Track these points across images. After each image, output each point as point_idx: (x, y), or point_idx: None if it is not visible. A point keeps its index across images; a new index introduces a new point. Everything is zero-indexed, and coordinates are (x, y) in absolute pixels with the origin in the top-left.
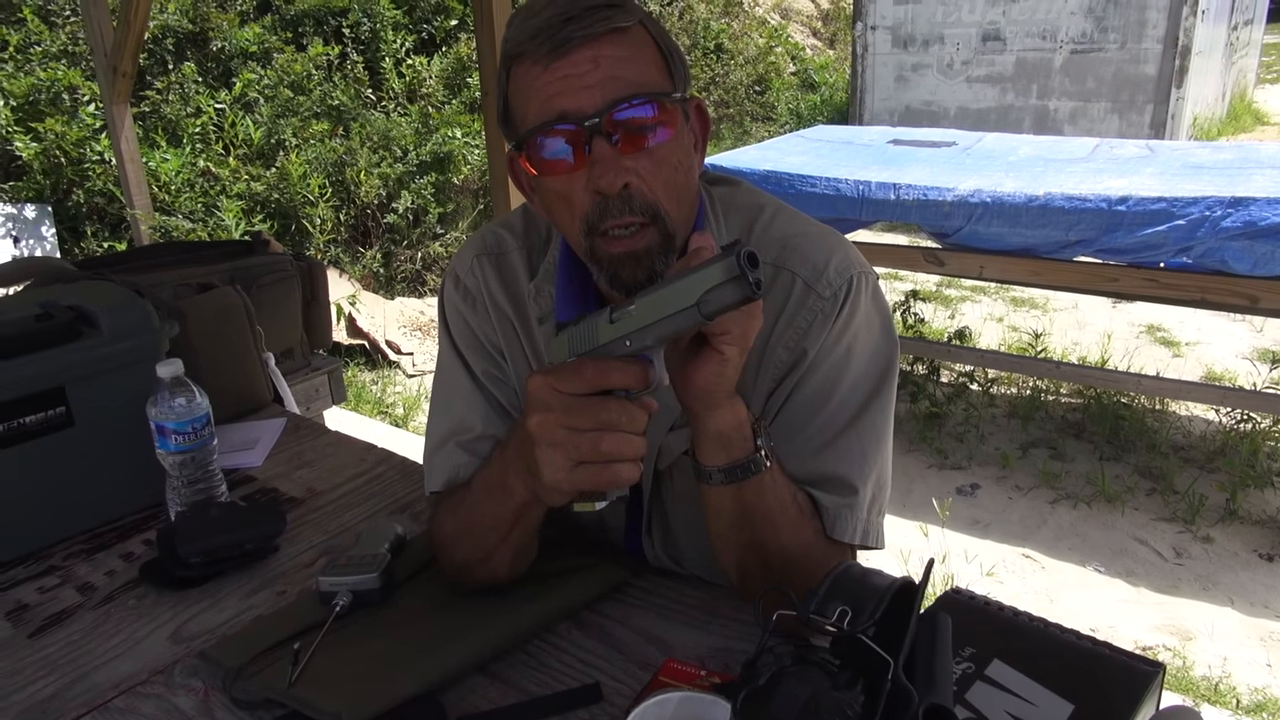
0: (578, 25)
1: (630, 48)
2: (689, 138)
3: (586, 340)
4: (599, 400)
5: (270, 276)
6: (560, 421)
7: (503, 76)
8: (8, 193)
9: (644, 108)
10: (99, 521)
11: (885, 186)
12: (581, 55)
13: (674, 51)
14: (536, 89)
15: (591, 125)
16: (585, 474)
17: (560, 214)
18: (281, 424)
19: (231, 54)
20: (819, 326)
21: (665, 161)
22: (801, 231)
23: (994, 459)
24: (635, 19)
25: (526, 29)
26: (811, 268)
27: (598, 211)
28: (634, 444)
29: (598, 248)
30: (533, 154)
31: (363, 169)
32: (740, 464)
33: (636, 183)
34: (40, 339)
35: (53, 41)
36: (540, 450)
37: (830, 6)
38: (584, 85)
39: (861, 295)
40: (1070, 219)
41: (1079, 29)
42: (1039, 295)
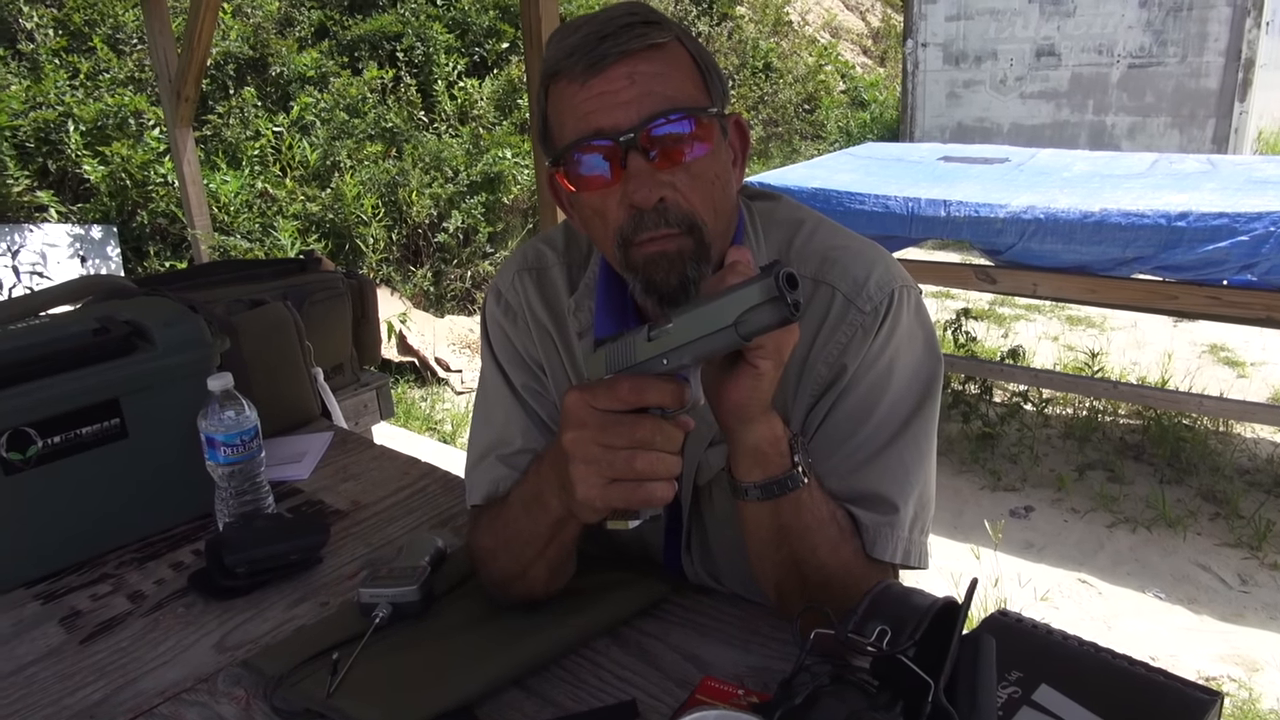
0: (613, 42)
1: (666, 64)
2: (727, 153)
3: (624, 358)
4: (634, 418)
5: (322, 294)
6: (595, 438)
7: (541, 95)
8: (76, 214)
9: (680, 123)
10: (151, 531)
11: (935, 203)
12: (617, 72)
13: (711, 67)
14: (573, 106)
15: (627, 141)
16: (619, 492)
17: (596, 228)
18: (329, 438)
19: (290, 78)
20: (859, 342)
21: (701, 176)
22: (842, 245)
23: (1049, 481)
24: (671, 35)
25: (564, 47)
26: (852, 282)
27: (632, 225)
28: (669, 463)
29: (632, 255)
30: (570, 170)
31: (415, 189)
32: (776, 480)
33: (672, 195)
34: (96, 353)
35: (121, 68)
36: (574, 467)
37: (881, 24)
38: (620, 102)
39: (903, 310)
40: (1127, 235)
41: (1137, 43)
42: (1095, 314)
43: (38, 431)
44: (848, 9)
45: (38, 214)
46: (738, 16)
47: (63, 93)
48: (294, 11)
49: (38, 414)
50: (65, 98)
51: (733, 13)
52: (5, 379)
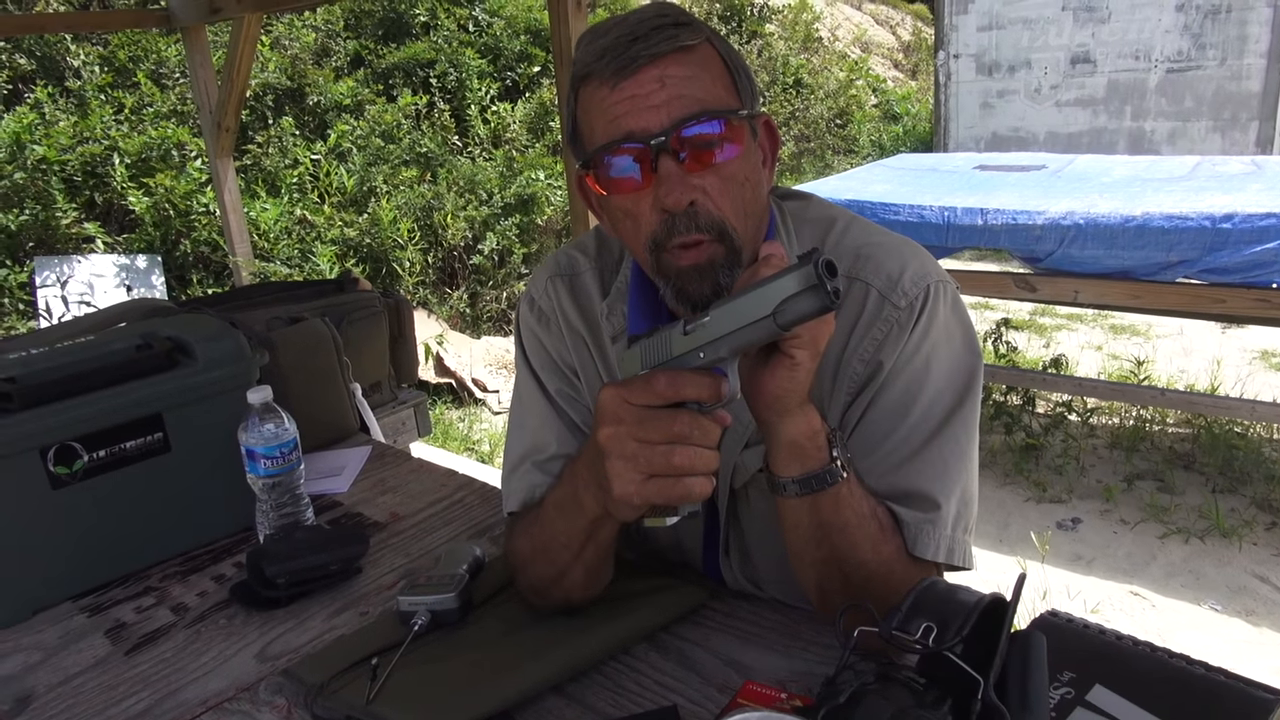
0: (644, 45)
1: (696, 66)
2: (757, 154)
3: (660, 353)
4: (671, 413)
5: (359, 313)
6: (632, 434)
7: (572, 98)
8: (122, 244)
9: (710, 125)
10: (193, 545)
11: (972, 212)
12: (648, 75)
13: (741, 68)
14: (604, 109)
15: (658, 144)
16: (656, 488)
17: (627, 232)
18: (367, 451)
19: (326, 107)
20: (895, 338)
21: (732, 178)
22: (875, 241)
23: (1096, 492)
24: (702, 36)
25: (594, 49)
26: (886, 278)
27: (664, 229)
28: (706, 458)
29: (664, 262)
30: (600, 173)
31: (450, 212)
32: (814, 475)
33: (703, 199)
34: (140, 368)
35: (163, 102)
36: (611, 463)
37: (911, 38)
38: (650, 105)
39: (939, 305)
40: (1170, 239)
41: (1174, 47)
42: (1140, 322)
43: (83, 446)
44: (878, 24)
45: (85, 245)
46: (767, 34)
47: (108, 127)
48: (330, 42)
49: (83, 429)
50: (111, 132)
51: (762, 30)
52: (52, 394)
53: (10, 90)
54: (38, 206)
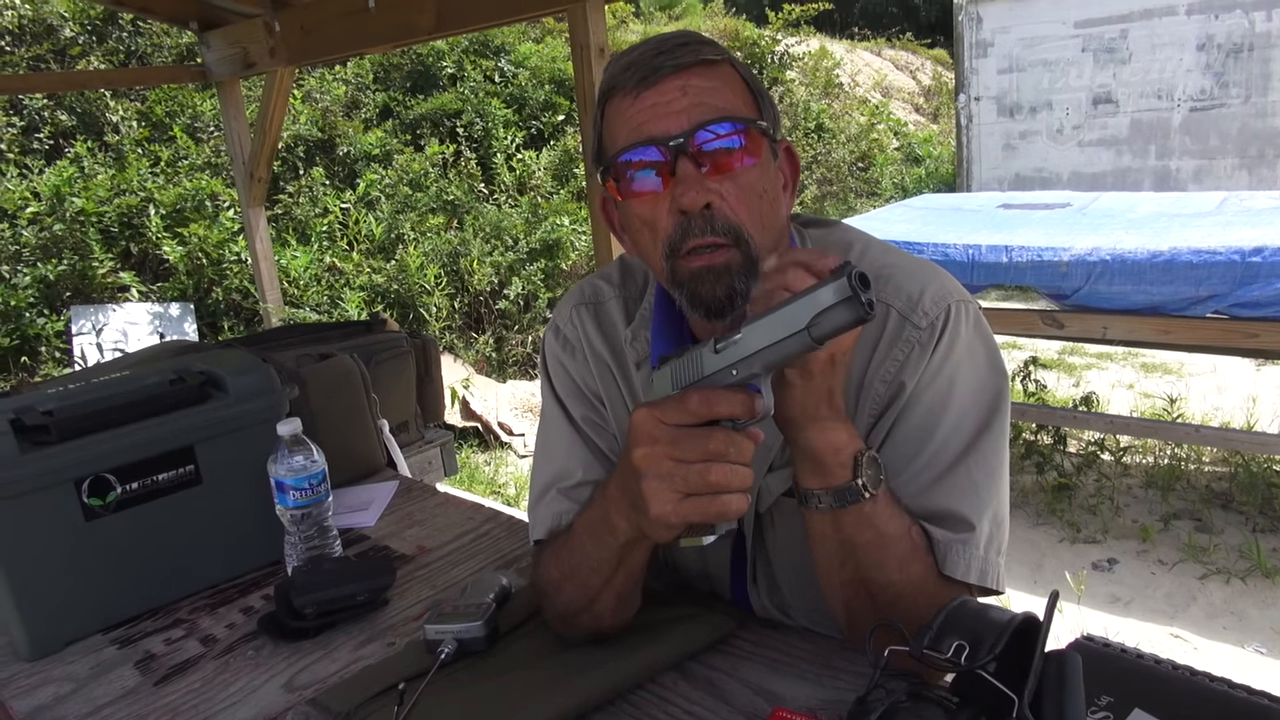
0: (668, 57)
1: (718, 79)
2: (777, 175)
3: (691, 371)
4: (705, 431)
5: (387, 353)
6: (667, 453)
7: (598, 115)
8: (155, 293)
9: (730, 136)
10: (223, 577)
11: (997, 249)
12: (670, 84)
13: (763, 93)
14: (627, 117)
15: (677, 146)
16: (694, 506)
17: (644, 239)
18: (394, 486)
19: (356, 157)
20: (916, 358)
21: (750, 187)
22: (895, 263)
23: (1132, 532)
24: (724, 57)
25: (620, 64)
26: (906, 298)
27: (680, 232)
28: (742, 475)
29: (678, 268)
30: (620, 179)
31: (476, 258)
32: (835, 490)
33: (719, 203)
34: (172, 401)
35: (198, 155)
36: (647, 483)
37: (932, 82)
38: (671, 111)
39: (961, 324)
40: (1199, 273)
41: (1197, 86)
42: (1172, 360)
43: (117, 478)
44: (898, 69)
45: (120, 294)
46: (788, 80)
47: (145, 179)
48: (360, 95)
49: (117, 461)
50: (147, 184)
51: (783, 77)
52: (88, 427)
53: (52, 145)
54: (75, 257)
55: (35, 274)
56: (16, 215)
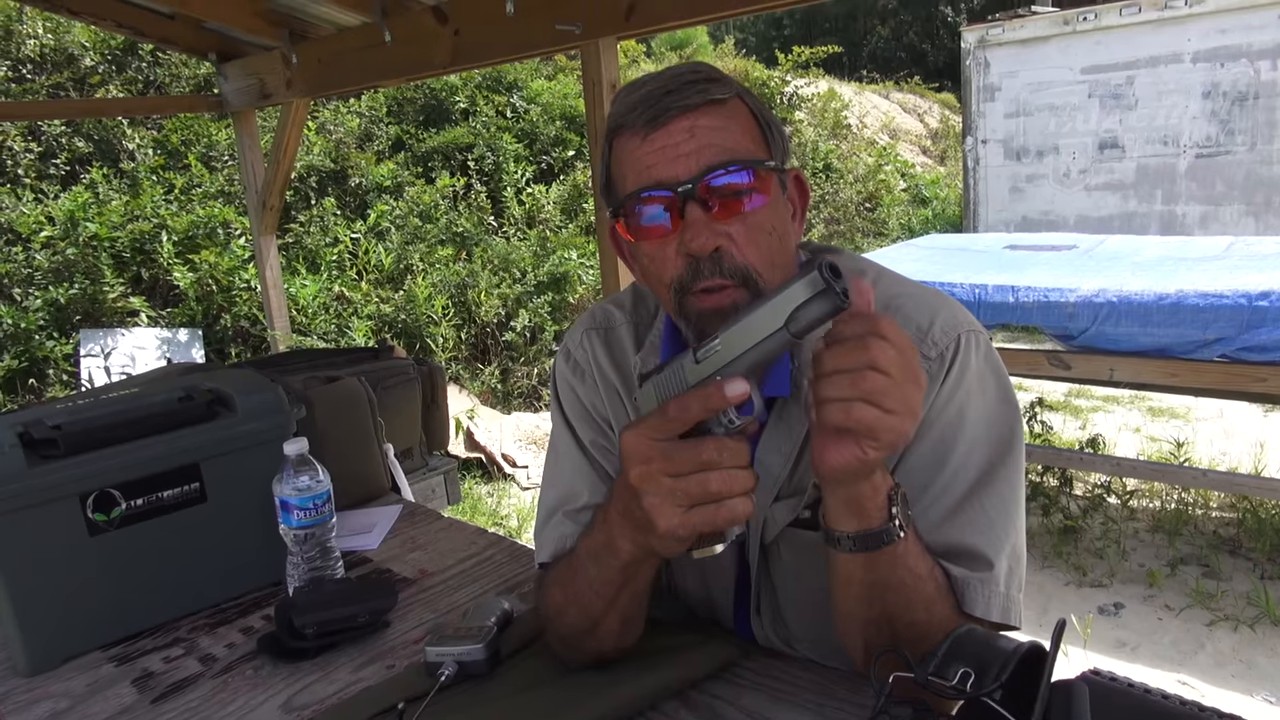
0: (676, 97)
1: (726, 118)
2: (786, 207)
3: (674, 385)
4: (696, 441)
5: (393, 379)
6: (662, 469)
7: (605, 150)
8: (165, 318)
9: (738, 175)
10: (224, 596)
11: (1003, 289)
12: (678, 126)
13: (772, 124)
14: (635, 159)
15: (685, 191)
16: (700, 516)
17: (654, 277)
18: (398, 510)
19: (367, 188)
20: (927, 389)
21: (759, 227)
22: (904, 292)
23: (1139, 577)
24: (732, 92)
25: (628, 103)
26: (915, 328)
27: (689, 273)
28: (741, 478)
29: (686, 304)
30: (630, 220)
31: (483, 290)
32: (872, 533)
33: (728, 245)
34: (180, 418)
35: (212, 183)
36: (648, 501)
37: (939, 125)
38: (679, 154)
39: (971, 355)
40: (1206, 316)
41: (1203, 133)
42: (1179, 404)
43: (122, 494)
44: (905, 111)
45: (130, 319)
46: (796, 121)
47: (158, 206)
48: (373, 127)
49: (123, 476)
50: (160, 211)
51: (791, 117)
52: (95, 442)
53: (68, 171)
54: (86, 281)
55: (46, 297)
56: (30, 239)
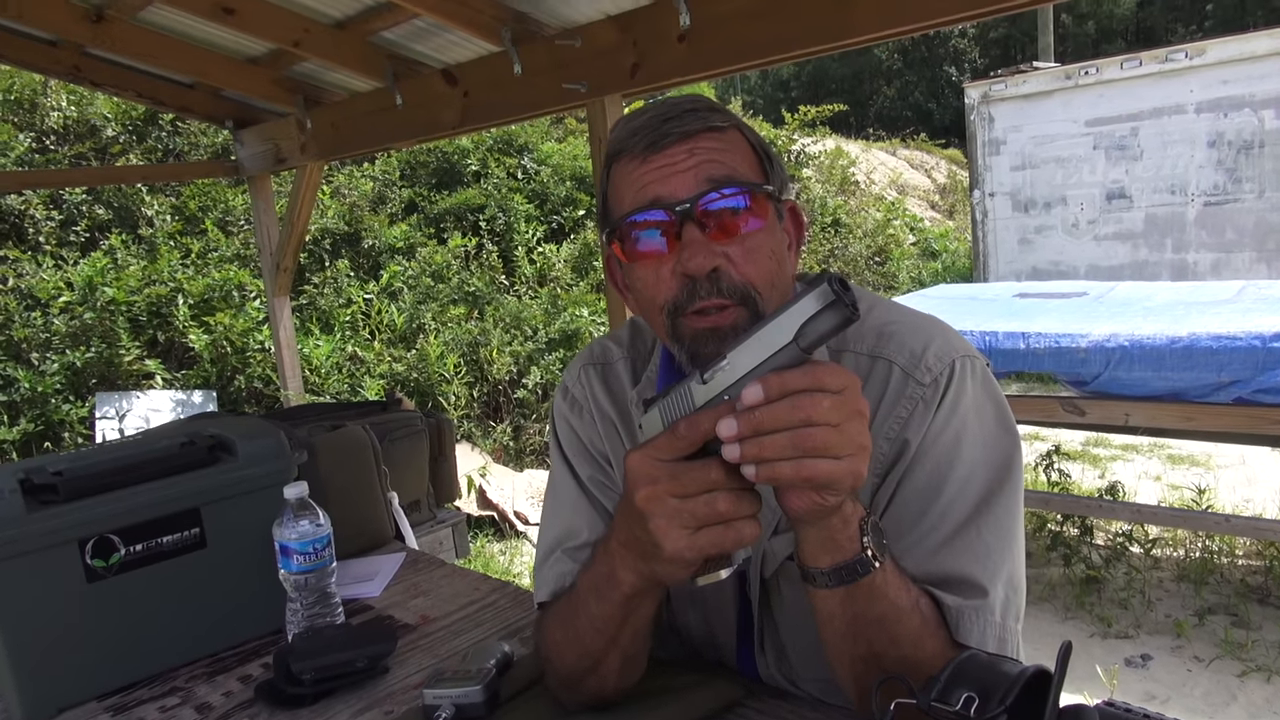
0: (675, 124)
1: (725, 143)
2: (783, 236)
3: (681, 407)
4: (704, 462)
5: (401, 431)
6: (669, 490)
7: (604, 176)
8: (180, 380)
9: (736, 197)
10: (223, 645)
11: (1014, 336)
12: (677, 149)
13: (771, 156)
14: (633, 180)
15: (683, 211)
16: (708, 538)
17: (647, 300)
18: (401, 558)
19: (380, 249)
20: (920, 415)
21: (757, 250)
22: (898, 319)
23: (1166, 627)
24: (731, 123)
25: (628, 129)
26: (909, 354)
27: (685, 293)
28: (749, 499)
29: (680, 325)
30: (626, 242)
31: (495, 348)
32: (845, 565)
33: (726, 265)
34: (181, 463)
35: (228, 247)
36: (655, 523)
37: (947, 180)
38: (677, 172)
39: (967, 381)
40: (1220, 359)
41: (1210, 182)
42: (1199, 451)
43: (121, 539)
44: (913, 168)
45: (145, 381)
46: (804, 178)
47: (175, 270)
48: (386, 190)
49: (122, 521)
50: (177, 274)
51: (799, 174)
52: (95, 487)
53: (88, 238)
54: (103, 344)
55: (63, 361)
56: (49, 304)
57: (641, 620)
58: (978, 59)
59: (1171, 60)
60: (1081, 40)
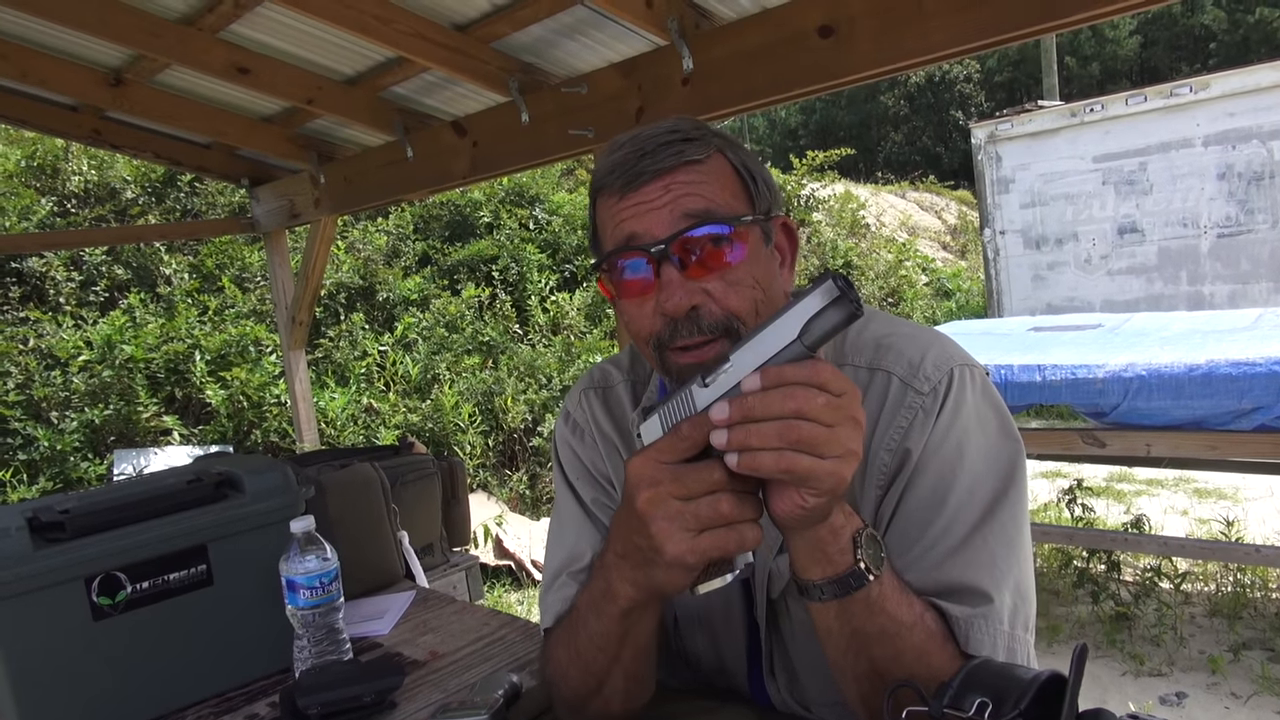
0: (650, 160)
1: (704, 174)
2: (773, 257)
3: (682, 412)
4: (706, 464)
5: (413, 474)
6: (671, 492)
7: (591, 207)
8: (197, 436)
9: (714, 229)
10: (230, 684)
11: (1029, 369)
12: (653, 185)
13: (756, 174)
14: (612, 216)
15: (659, 251)
16: (710, 540)
17: (635, 335)
18: (411, 596)
19: (395, 302)
20: (920, 425)
21: (739, 281)
22: (895, 331)
23: (1200, 664)
24: (711, 149)
25: (607, 164)
26: (907, 364)
27: (668, 332)
28: (752, 502)
29: (667, 359)
30: (610, 280)
31: (510, 396)
32: (839, 578)
33: (706, 302)
34: (187, 500)
35: (244, 304)
36: (657, 526)
37: (957, 221)
38: (653, 209)
39: (966, 389)
40: (1240, 386)
41: (1222, 213)
42: (1226, 484)
43: (128, 577)
44: (923, 210)
45: (163, 437)
46: (814, 222)
47: (192, 327)
48: (401, 244)
49: (129, 558)
50: (194, 331)
51: (809, 219)
52: (101, 524)
53: (107, 298)
54: (121, 402)
55: (82, 419)
56: (69, 363)
57: (642, 636)
58: (983, 102)
59: (1176, 95)
60: (1086, 81)
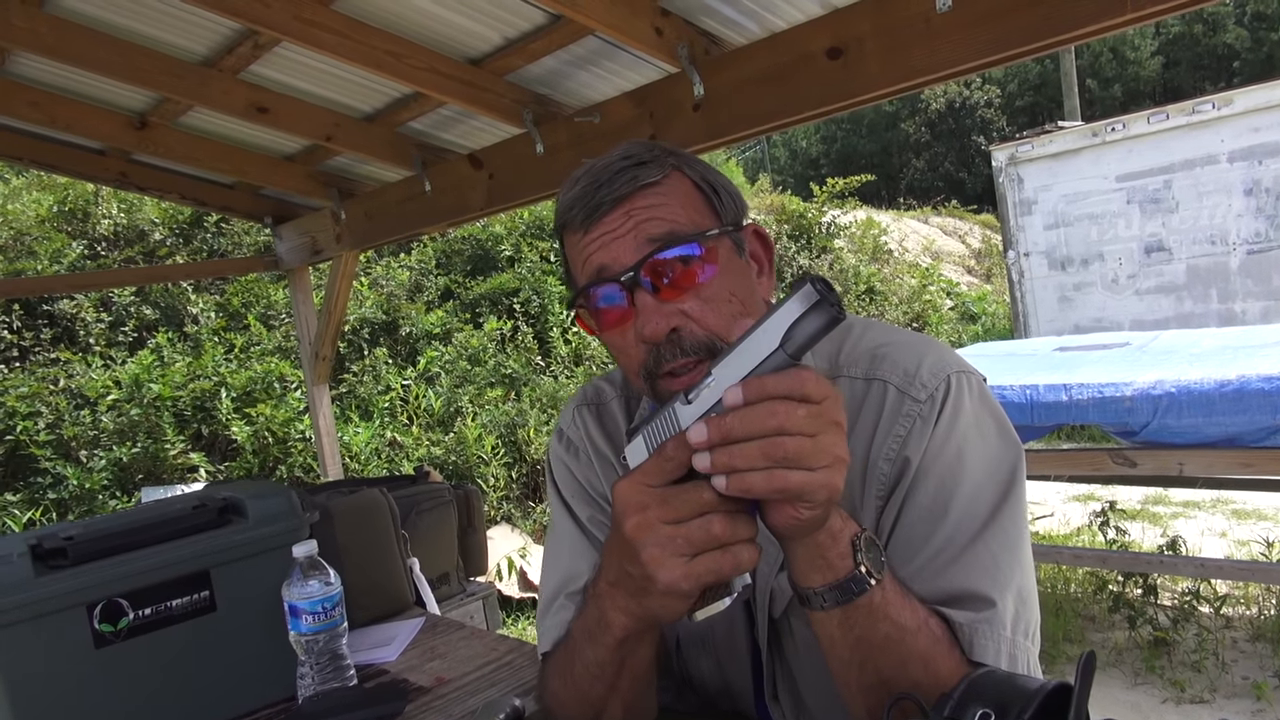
0: (608, 189)
1: (663, 195)
2: (747, 267)
3: (666, 431)
4: (694, 484)
5: (429, 503)
6: (660, 516)
7: (560, 246)
8: (223, 472)
9: (683, 249)
10: (233, 713)
11: (1055, 388)
12: (614, 215)
13: (718, 187)
14: (580, 252)
15: (629, 280)
16: (705, 564)
17: (623, 367)
18: (419, 622)
19: (418, 336)
20: (919, 433)
21: (715, 298)
22: (890, 340)
23: (1244, 690)
24: (665, 170)
25: (566, 201)
26: (903, 373)
27: (653, 359)
28: (744, 522)
29: (659, 389)
30: (588, 314)
31: (533, 428)
32: (840, 584)
33: (685, 323)
34: (191, 525)
35: (270, 341)
36: (647, 553)
37: (981, 245)
38: (617, 237)
39: (964, 396)
40: (1274, 400)
41: (1250, 229)
42: (1266, 506)
43: (130, 603)
44: (946, 234)
45: (189, 474)
46: (836, 249)
47: (218, 365)
48: (423, 279)
49: (131, 584)
50: (220, 369)
51: (831, 245)
52: (104, 551)
53: (135, 338)
54: (149, 440)
55: (110, 457)
56: (97, 402)
57: (640, 665)
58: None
59: (1199, 112)
60: (1109, 103)
